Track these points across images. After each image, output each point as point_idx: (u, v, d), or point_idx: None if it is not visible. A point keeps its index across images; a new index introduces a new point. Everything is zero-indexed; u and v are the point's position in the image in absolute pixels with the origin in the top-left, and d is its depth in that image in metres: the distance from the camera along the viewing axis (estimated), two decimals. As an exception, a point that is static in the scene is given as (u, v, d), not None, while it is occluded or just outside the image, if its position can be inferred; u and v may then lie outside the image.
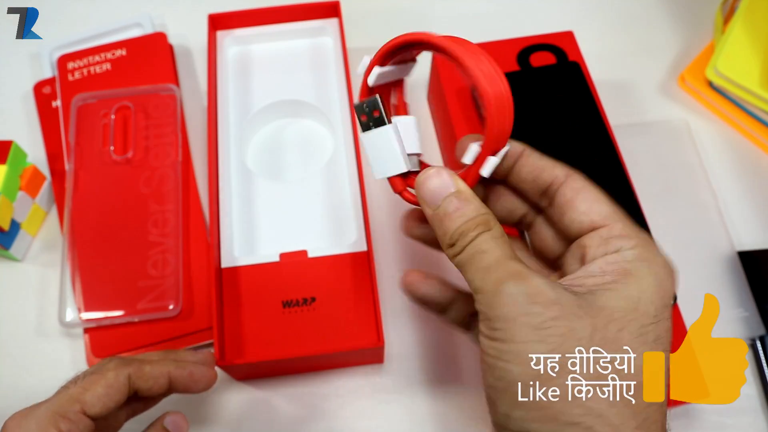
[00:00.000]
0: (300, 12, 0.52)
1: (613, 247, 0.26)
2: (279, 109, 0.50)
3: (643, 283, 0.25)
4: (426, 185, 0.27)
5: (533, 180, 0.29)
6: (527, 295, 0.24)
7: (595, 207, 0.27)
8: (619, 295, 0.24)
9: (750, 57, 0.52)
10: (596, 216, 0.27)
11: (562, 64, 0.48)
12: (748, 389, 0.43)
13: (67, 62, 0.53)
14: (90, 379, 0.30)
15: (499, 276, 0.24)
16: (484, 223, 0.26)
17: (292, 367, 0.43)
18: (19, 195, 0.46)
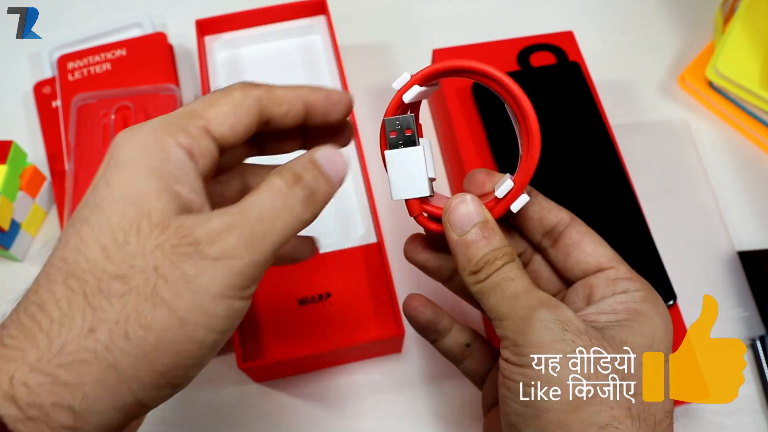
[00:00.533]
0: (287, 12, 0.52)
1: (620, 288, 0.27)
2: None
3: (653, 323, 0.26)
4: (456, 210, 0.27)
5: (539, 219, 0.29)
6: (560, 322, 0.24)
7: (600, 250, 0.28)
8: (635, 332, 0.25)
9: (750, 57, 0.52)
10: (602, 258, 0.28)
11: (562, 64, 0.48)
12: (748, 389, 0.43)
13: (67, 62, 0.53)
14: (213, 96, 0.24)
15: (530, 303, 0.25)
16: (509, 254, 0.26)
17: (313, 363, 0.43)
18: (19, 195, 0.46)
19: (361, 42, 0.57)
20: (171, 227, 0.21)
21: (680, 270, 0.42)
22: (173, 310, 0.20)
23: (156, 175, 0.22)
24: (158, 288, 0.20)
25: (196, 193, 0.23)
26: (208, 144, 0.23)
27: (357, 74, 0.54)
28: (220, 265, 0.21)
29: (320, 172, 0.24)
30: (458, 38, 0.51)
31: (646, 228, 0.42)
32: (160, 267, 0.21)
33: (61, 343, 0.20)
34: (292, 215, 0.23)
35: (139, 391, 0.20)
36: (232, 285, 0.21)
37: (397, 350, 0.44)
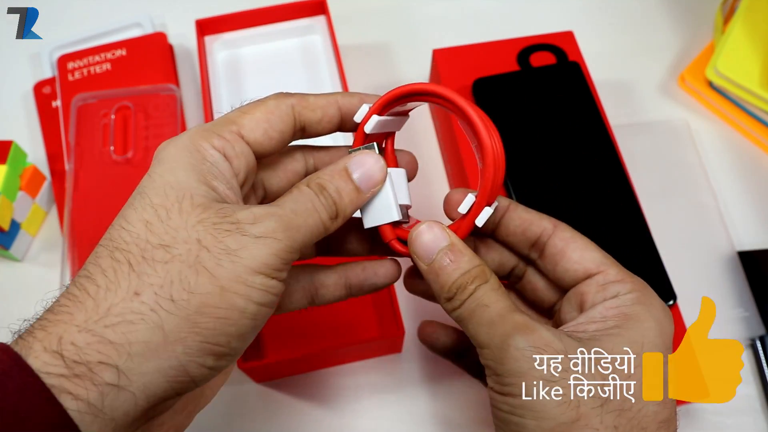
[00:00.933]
0: (287, 12, 0.52)
1: (611, 293, 0.26)
2: None
3: (644, 326, 0.25)
4: (418, 240, 0.26)
5: (522, 233, 0.29)
6: (536, 348, 0.23)
7: (587, 255, 0.27)
8: (623, 339, 0.24)
9: (750, 57, 0.52)
10: (590, 263, 0.27)
11: (562, 64, 0.47)
12: (748, 389, 0.43)
13: (67, 62, 0.53)
14: (249, 105, 0.26)
15: (505, 330, 0.24)
16: (480, 275, 0.26)
17: (313, 363, 0.43)
18: (19, 195, 0.46)
19: (361, 42, 0.57)
20: (212, 208, 0.23)
21: (680, 270, 0.42)
22: (215, 278, 0.21)
23: (194, 170, 0.23)
24: (201, 257, 0.21)
25: (232, 190, 0.24)
26: (242, 147, 0.25)
27: (357, 74, 0.54)
28: (260, 243, 0.22)
29: (346, 181, 0.25)
30: (458, 38, 0.51)
31: (646, 228, 0.42)
32: (203, 240, 0.22)
33: (107, 306, 0.21)
34: (319, 218, 0.24)
35: (183, 355, 0.21)
36: (269, 263, 0.22)
37: (396, 350, 0.44)
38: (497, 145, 0.26)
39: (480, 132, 0.25)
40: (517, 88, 0.46)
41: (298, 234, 0.23)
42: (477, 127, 0.25)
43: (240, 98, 0.50)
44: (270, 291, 0.23)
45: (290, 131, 0.26)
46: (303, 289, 0.29)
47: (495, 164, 0.25)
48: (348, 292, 0.30)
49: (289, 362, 0.40)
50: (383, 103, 0.27)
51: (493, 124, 0.27)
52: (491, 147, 0.25)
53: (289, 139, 0.27)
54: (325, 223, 0.25)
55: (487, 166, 0.25)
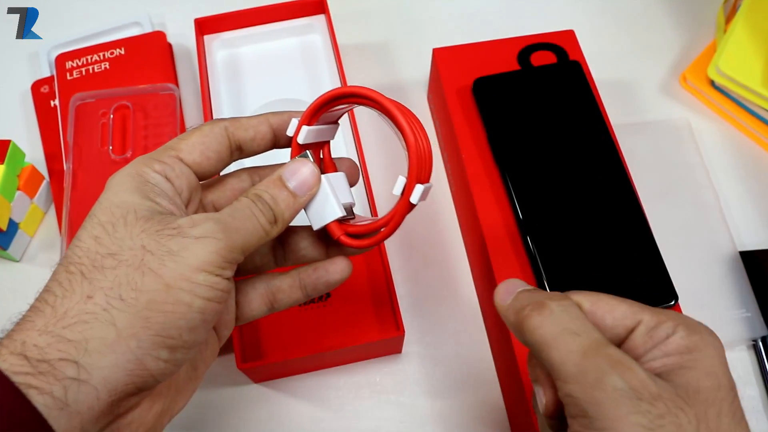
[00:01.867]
0: (286, 11, 0.52)
1: (659, 336, 0.25)
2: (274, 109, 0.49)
3: (709, 354, 0.24)
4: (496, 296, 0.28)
5: None
6: (634, 390, 0.22)
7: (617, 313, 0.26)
8: (699, 373, 0.23)
9: (752, 56, 0.51)
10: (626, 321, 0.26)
11: (563, 64, 0.47)
12: (751, 390, 0.43)
13: (66, 61, 0.53)
14: (186, 132, 0.29)
15: (600, 365, 0.23)
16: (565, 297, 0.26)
17: (312, 364, 0.43)
18: (17, 195, 0.46)
19: (361, 41, 0.57)
20: (155, 218, 0.25)
21: (682, 270, 0.42)
22: (160, 276, 0.23)
23: (138, 190, 0.26)
24: (146, 260, 0.24)
25: (176, 205, 0.27)
26: (182, 168, 0.27)
27: (357, 73, 0.54)
28: (200, 242, 0.24)
29: (280, 188, 0.28)
30: (458, 37, 0.51)
31: (648, 228, 0.42)
32: (147, 245, 0.24)
33: (64, 310, 0.23)
34: (258, 222, 0.26)
35: (137, 348, 0.23)
36: (211, 261, 0.24)
37: (396, 351, 0.44)
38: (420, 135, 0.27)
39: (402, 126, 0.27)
40: (518, 87, 0.46)
41: (237, 235, 0.25)
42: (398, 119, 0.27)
43: (239, 97, 0.50)
44: (214, 287, 0.24)
45: (226, 151, 0.29)
46: (261, 296, 0.31)
47: (418, 152, 0.27)
48: (304, 293, 0.31)
49: (288, 363, 0.40)
50: (311, 112, 0.28)
51: (416, 117, 0.28)
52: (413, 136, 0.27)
53: (227, 158, 0.29)
54: (265, 227, 0.27)
55: (410, 151, 0.27)
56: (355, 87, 0.27)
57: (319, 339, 0.41)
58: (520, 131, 0.44)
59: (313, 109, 0.28)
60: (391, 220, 0.28)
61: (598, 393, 0.22)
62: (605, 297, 0.26)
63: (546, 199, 0.42)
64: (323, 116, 0.29)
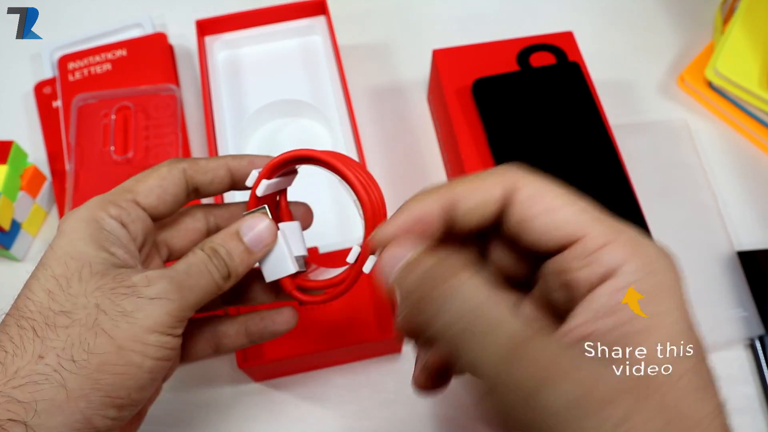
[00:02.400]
0: (287, 12, 0.52)
1: (603, 267, 0.21)
2: (275, 110, 0.50)
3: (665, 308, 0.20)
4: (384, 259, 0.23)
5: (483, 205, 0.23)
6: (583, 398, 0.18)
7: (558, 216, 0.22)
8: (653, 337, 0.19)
9: (749, 57, 0.52)
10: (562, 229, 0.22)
11: (562, 65, 0.48)
12: (747, 389, 0.43)
13: (68, 62, 0.53)
14: (143, 173, 0.29)
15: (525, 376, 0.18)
16: None
17: (313, 363, 0.43)
18: (19, 195, 0.47)
19: (361, 42, 0.57)
20: (110, 274, 0.25)
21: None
22: (112, 338, 0.24)
23: (92, 240, 0.25)
24: (99, 320, 0.24)
25: (130, 254, 0.27)
26: (138, 213, 0.28)
27: (357, 74, 0.54)
28: (154, 304, 0.24)
29: (237, 244, 0.27)
30: (458, 38, 0.51)
31: (646, 228, 0.42)
32: (101, 304, 0.24)
33: (15, 369, 0.23)
34: (212, 278, 0.26)
35: (87, 409, 0.23)
36: (163, 322, 0.25)
37: (396, 350, 0.44)
38: (376, 198, 0.28)
39: (359, 191, 0.27)
40: (517, 88, 0.46)
41: (191, 294, 0.26)
42: (355, 187, 0.27)
43: (240, 98, 0.50)
44: (165, 347, 0.25)
45: (183, 194, 0.29)
46: (206, 339, 0.31)
47: (375, 218, 0.27)
48: (250, 340, 0.31)
49: (288, 362, 0.40)
50: (270, 168, 0.29)
51: (372, 178, 0.29)
52: (369, 203, 0.27)
53: (184, 201, 0.29)
54: (218, 283, 0.27)
55: (367, 220, 0.27)
56: (304, 151, 0.28)
57: (319, 338, 0.41)
58: (520, 132, 0.45)
59: (273, 166, 0.29)
60: (343, 282, 0.29)
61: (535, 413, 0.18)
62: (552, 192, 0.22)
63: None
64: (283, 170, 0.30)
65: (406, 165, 0.52)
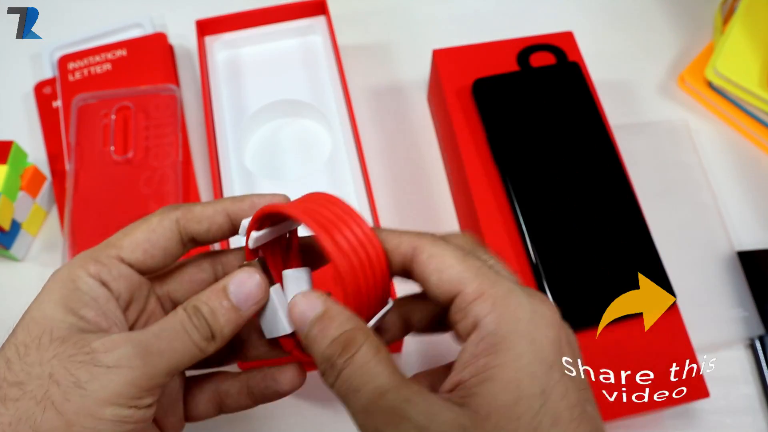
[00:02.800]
0: (287, 12, 0.52)
1: (472, 318, 0.23)
2: (275, 110, 0.50)
3: (515, 353, 0.22)
4: (294, 311, 0.25)
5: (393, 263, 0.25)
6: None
7: (444, 276, 0.23)
8: (497, 386, 0.21)
9: (749, 57, 0.52)
10: (447, 285, 0.23)
11: (562, 65, 0.48)
12: (748, 389, 0.43)
13: (68, 62, 0.53)
14: (132, 225, 0.26)
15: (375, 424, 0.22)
16: (349, 343, 0.23)
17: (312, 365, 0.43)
18: (19, 195, 0.47)
19: (361, 42, 0.57)
20: (70, 341, 0.23)
21: (680, 270, 0.42)
22: (60, 413, 0.21)
23: (62, 302, 0.24)
24: (50, 392, 0.22)
25: (105, 315, 0.24)
26: (122, 270, 0.25)
27: (357, 74, 0.54)
28: (112, 373, 0.22)
29: (222, 301, 0.25)
30: (459, 38, 0.51)
31: (646, 228, 0.42)
32: (55, 374, 0.22)
33: None
34: (189, 340, 0.24)
35: None
36: (123, 393, 0.22)
37: (396, 350, 0.44)
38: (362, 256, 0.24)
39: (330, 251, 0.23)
40: (517, 88, 0.46)
41: (161, 359, 0.23)
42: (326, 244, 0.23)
43: (240, 98, 0.50)
44: (126, 420, 0.22)
45: (176, 246, 0.26)
46: (208, 399, 0.29)
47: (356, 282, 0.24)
48: (253, 400, 0.29)
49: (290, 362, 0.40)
50: (255, 222, 0.26)
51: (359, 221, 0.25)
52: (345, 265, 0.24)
53: (178, 252, 0.27)
54: (199, 345, 0.24)
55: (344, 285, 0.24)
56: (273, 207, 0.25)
57: None
58: (520, 132, 0.45)
59: (255, 221, 0.26)
60: None
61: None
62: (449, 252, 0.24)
63: (545, 199, 0.42)
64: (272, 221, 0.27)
65: (405, 165, 0.52)
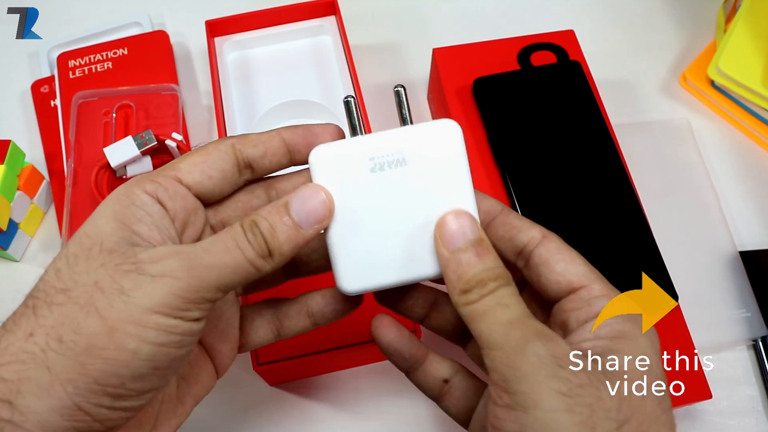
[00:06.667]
0: (297, 12, 0.52)
1: (597, 309, 0.25)
2: (285, 111, 0.50)
3: (641, 344, 0.24)
4: (445, 228, 0.25)
5: (510, 239, 0.27)
6: (555, 358, 0.22)
7: (571, 268, 0.26)
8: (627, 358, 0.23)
9: (752, 56, 0.51)
10: (573, 276, 0.25)
11: (563, 63, 0.47)
12: (750, 390, 0.43)
13: (68, 60, 0.53)
14: (190, 151, 0.26)
15: (524, 334, 0.23)
16: (504, 277, 0.25)
17: (324, 365, 0.43)
18: (17, 195, 0.46)
19: (371, 42, 0.57)
20: (119, 251, 0.23)
21: (682, 270, 0.42)
22: (104, 318, 0.21)
23: (115, 216, 0.24)
24: (94, 298, 0.22)
25: (158, 231, 0.24)
26: (178, 189, 0.25)
27: (368, 74, 0.54)
28: (156, 282, 0.22)
29: (282, 217, 0.24)
30: (459, 37, 0.50)
31: (648, 228, 0.42)
32: (100, 281, 0.22)
33: (5, 346, 0.22)
34: (242, 257, 0.23)
35: (75, 395, 0.21)
36: (166, 303, 0.22)
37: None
38: None
39: None
40: (518, 87, 0.46)
41: (209, 273, 0.23)
42: None
43: (251, 99, 0.50)
44: (171, 331, 0.22)
45: (232, 169, 0.26)
46: (268, 323, 0.29)
47: None
48: (312, 321, 0.29)
49: (304, 361, 0.40)
50: None
51: None
52: None
53: (234, 177, 0.27)
54: (254, 262, 0.24)
55: None
56: None
57: (334, 335, 0.40)
58: (520, 131, 0.44)
59: None
60: None
61: (519, 359, 0.22)
62: (571, 251, 0.26)
63: (546, 198, 0.42)
64: None
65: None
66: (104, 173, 0.46)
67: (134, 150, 0.45)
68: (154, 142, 0.46)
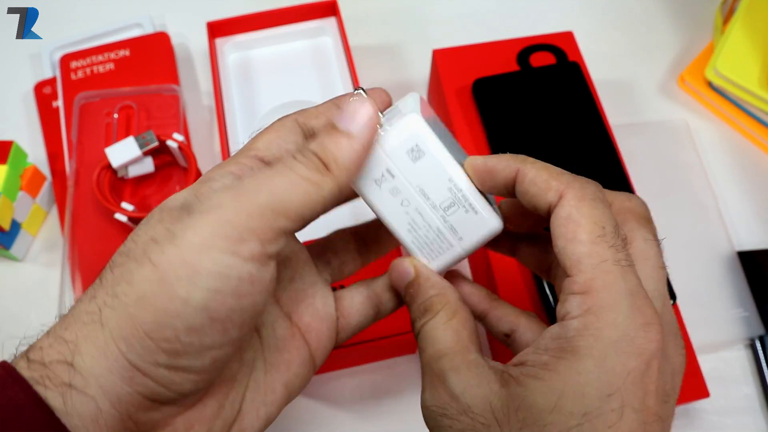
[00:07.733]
0: (297, 13, 0.52)
1: (564, 311, 0.22)
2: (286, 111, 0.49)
3: (577, 369, 0.20)
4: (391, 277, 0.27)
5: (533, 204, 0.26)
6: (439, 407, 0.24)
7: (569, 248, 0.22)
8: (542, 389, 0.21)
9: (749, 57, 0.52)
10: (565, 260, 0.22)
11: (562, 65, 0.48)
12: (748, 389, 0.43)
13: (70, 61, 0.53)
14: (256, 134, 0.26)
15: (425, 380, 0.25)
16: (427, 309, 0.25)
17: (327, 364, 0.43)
18: (19, 195, 0.47)
19: (371, 43, 0.57)
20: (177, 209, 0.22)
21: (680, 270, 0.42)
22: (155, 266, 0.20)
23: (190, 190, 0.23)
24: (148, 250, 0.20)
25: None
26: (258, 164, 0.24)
27: (368, 75, 0.54)
28: (205, 217, 0.20)
29: (330, 133, 0.22)
30: (459, 38, 0.51)
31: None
32: (156, 236, 0.21)
33: (71, 313, 0.21)
34: (296, 176, 0.21)
35: (129, 352, 0.20)
36: (217, 233, 0.20)
37: (411, 351, 0.44)
38: None
39: None
40: (517, 88, 0.46)
41: (258, 196, 0.21)
42: None
43: (251, 100, 0.50)
44: (228, 274, 0.20)
45: (302, 141, 0.25)
46: (367, 299, 0.28)
47: None
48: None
49: None
50: None
51: None
52: None
53: None
54: (312, 178, 0.21)
55: None
56: None
57: None
58: (520, 132, 0.45)
59: None
60: None
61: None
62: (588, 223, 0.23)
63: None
64: None
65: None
66: (106, 173, 0.46)
67: (136, 150, 0.45)
68: (156, 142, 0.46)
